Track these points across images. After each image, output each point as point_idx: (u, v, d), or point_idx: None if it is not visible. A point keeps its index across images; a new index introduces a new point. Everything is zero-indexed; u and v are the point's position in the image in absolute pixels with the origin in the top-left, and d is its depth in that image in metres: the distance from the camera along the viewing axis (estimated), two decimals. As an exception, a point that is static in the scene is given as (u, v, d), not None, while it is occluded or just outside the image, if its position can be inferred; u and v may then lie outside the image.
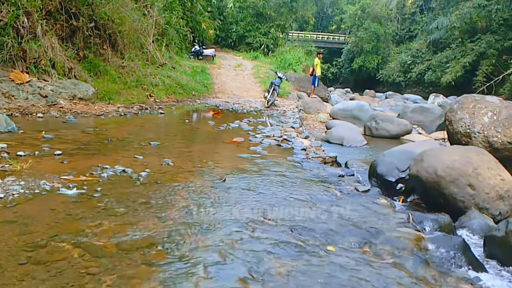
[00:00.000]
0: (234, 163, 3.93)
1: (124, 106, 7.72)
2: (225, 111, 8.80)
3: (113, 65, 9.40)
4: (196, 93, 11.25)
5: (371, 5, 37.92)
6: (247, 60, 20.45)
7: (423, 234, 2.49)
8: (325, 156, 4.57)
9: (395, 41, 39.24)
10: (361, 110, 10.58)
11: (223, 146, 4.85)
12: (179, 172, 3.47)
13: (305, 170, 3.83)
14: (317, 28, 48.16)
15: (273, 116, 8.39)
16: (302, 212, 2.68)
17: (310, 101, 11.71)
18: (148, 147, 4.37)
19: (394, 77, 35.86)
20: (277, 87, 9.92)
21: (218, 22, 22.55)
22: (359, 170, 6.32)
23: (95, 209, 2.54)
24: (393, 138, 9.67)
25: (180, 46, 16.81)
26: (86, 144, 4.32)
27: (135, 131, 5.36)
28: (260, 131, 5.96)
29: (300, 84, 15.15)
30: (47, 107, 6.55)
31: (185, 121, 6.60)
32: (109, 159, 3.73)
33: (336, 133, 8.65)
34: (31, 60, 7.14)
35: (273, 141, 5.24)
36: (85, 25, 8.74)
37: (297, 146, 5.02)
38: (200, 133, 5.59)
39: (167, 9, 14.64)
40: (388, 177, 4.59)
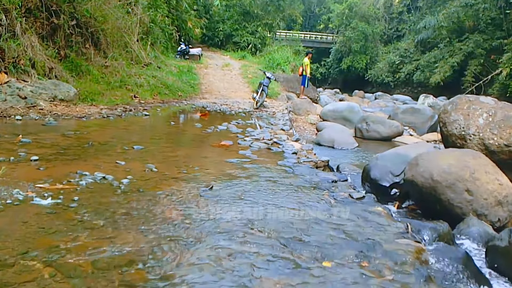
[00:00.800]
0: (222, 168, 3.75)
1: (107, 108, 7.46)
2: (213, 112, 8.60)
3: (96, 64, 9.12)
4: (182, 94, 11.01)
5: (358, 4, 37.88)
6: (235, 60, 20.24)
7: (423, 246, 2.34)
8: (317, 160, 4.41)
9: (383, 40, 39.32)
10: (352, 111, 10.47)
11: (210, 150, 4.66)
12: (163, 179, 3.27)
13: (296, 176, 3.67)
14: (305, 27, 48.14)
15: (263, 117, 8.22)
16: (294, 223, 2.51)
17: (300, 102, 11.58)
18: (131, 152, 4.16)
19: (383, 77, 35.93)
20: (266, 87, 9.75)
21: (204, 20, 22.28)
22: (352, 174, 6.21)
23: (71, 221, 2.34)
24: (384, 140, 9.59)
25: (166, 45, 16.51)
26: (66, 148, 4.09)
27: (118, 134, 5.13)
28: (249, 134, 5.79)
29: (289, 84, 15.01)
30: (26, 109, 6.26)
31: (171, 123, 6.39)
32: (89, 165, 3.52)
33: (327, 135, 8.52)
34: (10, 60, 6.84)
35: (262, 144, 5.07)
36: (66, 23, 8.46)
37: (288, 149, 4.86)
38: (187, 136, 5.39)
39: (151, 7, 14.35)
40: (382, 182, 4.46)
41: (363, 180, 5.13)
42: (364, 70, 38.06)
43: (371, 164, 5.05)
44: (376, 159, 5.06)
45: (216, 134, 5.67)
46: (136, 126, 5.96)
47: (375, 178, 4.81)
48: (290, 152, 4.74)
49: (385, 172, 4.60)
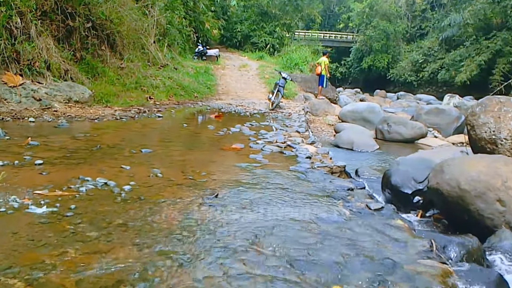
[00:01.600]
0: (231, 174, 3.55)
1: (121, 109, 7.39)
2: (227, 114, 8.42)
3: (111, 66, 9.10)
4: (198, 95, 10.90)
5: (379, 3, 37.19)
6: (252, 60, 20.09)
7: (450, 267, 2.08)
8: (332, 165, 4.16)
9: (405, 39, 38.45)
10: (372, 112, 10.12)
11: (220, 153, 4.47)
12: (167, 186, 3.10)
13: (309, 183, 3.44)
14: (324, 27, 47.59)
15: (277, 119, 7.99)
16: (304, 238, 2.28)
17: (318, 103, 11.28)
18: (139, 155, 4.01)
19: (405, 76, 35.11)
20: (282, 88, 9.51)
21: (222, 21, 22.24)
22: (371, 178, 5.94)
23: (63, 232, 2.18)
24: (406, 142, 9.22)
25: (183, 47, 16.51)
26: (73, 152, 3.98)
27: (128, 136, 5.01)
28: (262, 136, 5.58)
29: (307, 84, 14.71)
30: (40, 111, 6.24)
31: (183, 125, 6.24)
32: (93, 170, 3.38)
33: (346, 137, 8.23)
34: (25, 62, 6.85)
35: (275, 147, 4.85)
36: (81, 25, 8.44)
37: (302, 153, 4.62)
38: (198, 139, 5.22)
39: (168, 8, 14.33)
40: (404, 189, 4.18)
41: (383, 187, 4.85)
42: (385, 69, 37.31)
43: (392, 169, 4.77)
44: (398, 164, 4.77)
45: (228, 137, 5.48)
46: (148, 128, 5.83)
47: (396, 184, 4.53)
48: (303, 156, 4.50)
49: (407, 178, 4.32)
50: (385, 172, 4.84)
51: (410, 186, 4.31)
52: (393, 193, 4.59)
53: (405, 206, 4.36)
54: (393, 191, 4.56)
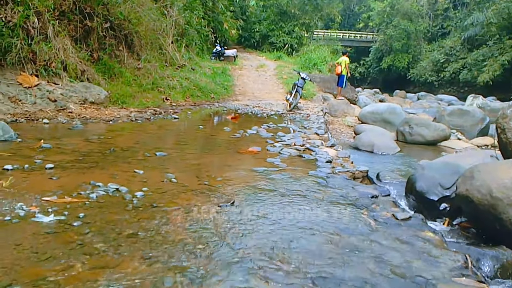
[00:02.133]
0: (247, 179, 3.39)
1: (137, 111, 7.32)
2: (244, 115, 8.27)
3: (128, 67, 9.06)
4: (215, 96, 10.79)
5: (400, 2, 36.56)
6: (270, 60, 19.92)
7: (488, 286, 1.87)
8: (354, 170, 3.95)
9: (426, 38, 37.69)
10: (393, 113, 9.81)
11: (237, 157, 4.32)
12: (181, 192, 2.96)
13: (330, 189, 3.25)
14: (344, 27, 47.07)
15: (295, 120, 7.80)
16: (327, 252, 2.10)
17: (337, 104, 11.03)
18: (153, 159, 3.89)
19: (426, 76, 34.39)
20: (300, 88, 9.30)
21: (240, 21, 22.11)
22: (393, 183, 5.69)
23: (70, 244, 2.06)
24: (429, 145, 8.91)
25: (201, 47, 16.44)
26: (85, 155, 3.89)
27: (143, 139, 4.91)
28: (279, 139, 5.40)
29: (325, 85, 14.45)
30: (55, 112, 6.21)
31: (199, 127, 6.12)
32: (105, 174, 3.27)
33: (366, 139, 7.98)
34: (41, 63, 6.84)
35: (293, 151, 4.67)
36: (99, 25, 8.43)
37: (321, 157, 4.42)
38: (214, 142, 5.08)
39: (187, 8, 14.28)
40: (430, 195, 3.95)
41: (407, 192, 4.61)
42: (405, 69, 36.65)
43: (417, 174, 4.52)
44: (423, 168, 4.52)
45: (245, 139, 5.32)
46: (163, 130, 5.73)
47: (422, 190, 4.29)
48: (323, 160, 4.30)
49: (433, 184, 4.07)
50: (409, 177, 4.59)
51: (436, 193, 4.07)
52: (417, 200, 4.35)
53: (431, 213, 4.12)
54: (418, 197, 4.32)
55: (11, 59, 6.35)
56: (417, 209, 4.33)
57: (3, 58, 6.38)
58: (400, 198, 5.06)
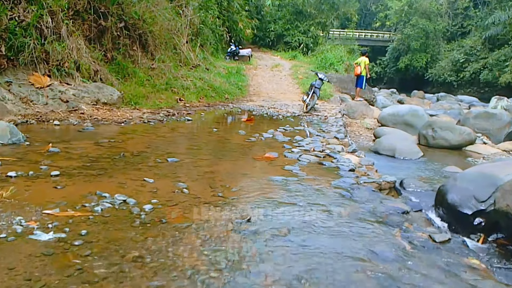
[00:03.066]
0: (264, 190, 3.13)
1: (150, 112, 7.13)
2: (259, 117, 8.01)
3: (142, 67, 8.90)
4: (229, 96, 10.56)
5: (419, 0, 35.78)
6: (285, 60, 19.63)
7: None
8: (380, 180, 3.66)
9: (445, 38, 36.81)
10: (415, 115, 9.39)
11: (252, 164, 4.06)
12: (193, 204, 2.71)
13: (356, 203, 2.96)
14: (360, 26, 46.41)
15: (313, 123, 7.50)
16: (359, 283, 1.83)
17: (355, 105, 10.66)
18: (164, 166, 3.67)
19: (445, 76, 33.58)
20: (318, 89, 8.98)
21: (255, 21, 21.88)
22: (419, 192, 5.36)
23: (68, 269, 1.83)
24: (453, 149, 8.49)
25: (216, 47, 16.27)
26: (94, 160, 3.68)
27: (154, 142, 4.70)
28: (297, 144, 5.13)
29: (342, 85, 14.08)
30: (67, 113, 6.06)
31: (213, 129, 5.88)
32: (113, 183, 3.06)
33: (387, 142, 7.61)
34: (54, 63, 6.70)
35: (313, 157, 4.39)
36: (114, 25, 8.28)
37: (344, 164, 4.14)
38: (228, 146, 4.84)
39: (202, 8, 14.10)
40: (463, 209, 3.61)
41: (437, 204, 4.28)
42: (423, 69, 35.89)
43: (448, 185, 4.18)
44: (455, 179, 4.18)
45: (261, 144, 5.07)
46: (176, 133, 5.51)
47: (454, 203, 3.95)
48: (346, 168, 4.01)
49: (466, 196, 3.73)
50: (440, 188, 4.26)
51: (470, 206, 3.73)
52: (449, 213, 4.02)
53: (464, 228, 3.78)
54: (449, 210, 3.99)
55: (24, 59, 6.22)
56: (449, 223, 4.01)
57: (16, 58, 6.26)
58: (428, 209, 4.74)
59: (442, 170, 6.90)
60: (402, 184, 5.72)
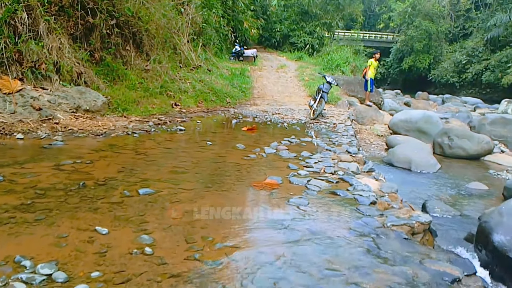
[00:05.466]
0: (262, 245, 2.29)
1: (138, 120, 6.32)
2: (261, 124, 7.16)
3: (135, 68, 8.09)
4: (231, 100, 9.73)
5: (422, 2, 35.53)
6: (291, 61, 18.84)
7: None
8: (412, 222, 2.81)
9: (448, 39, 36.58)
10: (429, 121, 8.52)
11: (249, 195, 3.22)
12: (153, 280, 1.87)
13: (387, 264, 2.12)
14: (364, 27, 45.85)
15: (321, 132, 6.64)
16: None
17: (364, 110, 9.78)
18: (132, 202, 2.84)
19: (447, 77, 33.13)
20: (326, 94, 8.11)
21: (261, 21, 21.13)
22: (445, 217, 4.57)
23: None
24: (471, 159, 7.67)
25: (220, 47, 15.47)
26: (40, 195, 2.84)
27: (131, 163, 3.87)
28: (304, 162, 4.29)
29: (349, 87, 13.19)
30: (38, 123, 5.26)
31: (207, 143, 5.04)
32: (49, 238, 2.22)
33: (401, 153, 6.78)
34: (28, 64, 5.91)
35: (324, 183, 3.56)
36: (103, 22, 7.47)
37: (363, 195, 3.29)
38: (221, 167, 4.00)
39: (205, 6, 13.30)
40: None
41: (478, 244, 3.45)
42: (426, 70, 35.45)
43: (492, 221, 3.36)
44: (500, 214, 3.35)
45: (261, 162, 4.23)
46: (161, 148, 4.68)
47: (502, 246, 3.13)
48: (366, 201, 3.18)
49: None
50: (481, 225, 3.43)
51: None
52: (495, 257, 3.19)
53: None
54: (496, 254, 3.17)
55: (-9, 60, 5.45)
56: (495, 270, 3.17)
57: (-19, 59, 5.50)
58: (458, 243, 3.90)
59: (465, 187, 6.06)
60: (425, 207, 4.92)
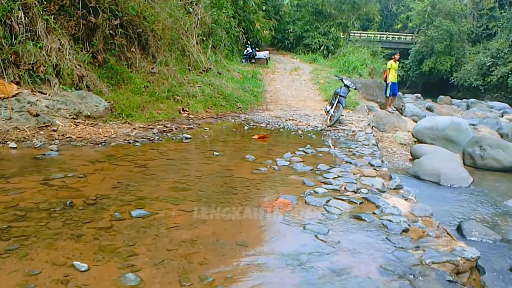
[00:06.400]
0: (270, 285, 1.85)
1: (142, 127, 5.94)
2: (274, 132, 6.72)
3: (140, 71, 7.74)
4: (242, 105, 9.31)
5: (442, 1, 34.11)
6: (305, 63, 18.36)
7: None
8: (457, 259, 2.32)
9: (470, 40, 34.98)
10: (457, 129, 7.91)
11: (258, 218, 2.77)
12: None
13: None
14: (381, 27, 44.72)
15: (340, 141, 6.16)
16: None
17: (385, 116, 9.25)
18: (122, 227, 2.42)
19: (470, 80, 31.78)
20: (343, 98, 7.62)
21: (273, 21, 20.69)
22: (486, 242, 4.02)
23: None
24: (506, 172, 7.05)
25: (231, 49, 15.08)
26: (20, 217, 2.46)
27: (128, 178, 3.46)
28: (322, 177, 3.83)
29: (367, 91, 12.66)
30: (35, 130, 4.91)
31: (214, 153, 4.62)
32: (19, 274, 1.84)
33: (429, 165, 6.24)
34: (26, 67, 5.58)
35: (346, 204, 3.10)
36: (106, 22, 7.14)
37: (392, 221, 2.82)
38: (228, 183, 3.57)
39: (214, 6, 12.91)
40: None
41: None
42: (448, 72, 34.08)
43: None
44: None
45: (273, 177, 3.78)
46: (163, 160, 4.27)
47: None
48: (396, 228, 2.71)
49: None
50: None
51: None
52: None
53: None
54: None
55: (-14, 62, 5.13)
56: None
57: (-24, 61, 5.19)
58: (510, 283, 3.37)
59: (503, 204, 5.50)
60: (461, 229, 4.39)
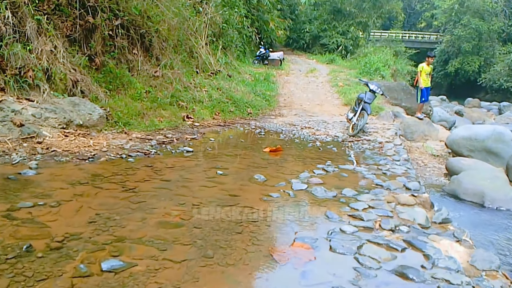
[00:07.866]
0: None
1: (140, 137, 5.29)
2: (288, 142, 5.96)
3: (142, 75, 7.11)
4: (252, 111, 8.59)
5: (471, -2, 32.46)
6: (322, 64, 17.52)
7: None
8: None
9: (501, 39, 33.21)
10: (500, 140, 6.95)
11: (268, 274, 2.04)
12: None
13: None
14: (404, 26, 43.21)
15: (365, 155, 5.36)
16: None
17: (413, 123, 8.37)
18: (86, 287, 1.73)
19: (500, 82, 30.15)
20: (368, 105, 6.77)
21: (289, 21, 19.92)
22: None
23: None
24: (559, 190, 6.09)
25: (242, 49, 14.36)
26: None
27: (109, 207, 2.78)
28: (349, 207, 3.08)
29: (391, 94, 11.73)
30: (18, 142, 4.30)
31: (217, 172, 3.92)
32: None
33: (470, 183, 5.39)
34: (12, 71, 5.00)
35: (384, 250, 2.34)
36: (104, 21, 6.55)
37: (449, 277, 2.06)
38: (231, 215, 2.86)
39: (226, 5, 12.25)
40: None
41: None
42: (476, 73, 32.45)
43: None
44: None
45: (287, 207, 3.05)
46: (157, 180, 3.58)
47: None
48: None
49: None
50: None
51: None
52: None
53: None
54: None
55: (-35, 67, 4.56)
56: None
57: (-44, 66, 4.63)
58: None
59: None
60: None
